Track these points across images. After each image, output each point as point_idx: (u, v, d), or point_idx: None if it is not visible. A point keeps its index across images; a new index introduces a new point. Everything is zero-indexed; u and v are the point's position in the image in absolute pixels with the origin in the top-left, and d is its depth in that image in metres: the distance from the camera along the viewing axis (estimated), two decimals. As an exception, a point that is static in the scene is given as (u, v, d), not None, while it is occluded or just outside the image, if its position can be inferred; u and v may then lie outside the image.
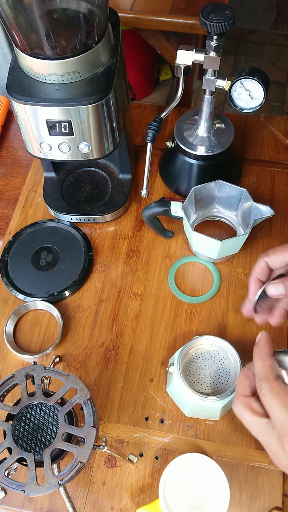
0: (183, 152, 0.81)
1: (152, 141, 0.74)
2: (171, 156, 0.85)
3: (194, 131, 0.81)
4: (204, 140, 0.80)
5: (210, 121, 0.79)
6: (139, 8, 1.38)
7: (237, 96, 0.70)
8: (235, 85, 0.69)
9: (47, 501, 0.63)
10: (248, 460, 0.64)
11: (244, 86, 0.68)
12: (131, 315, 0.76)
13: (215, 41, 0.66)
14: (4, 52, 1.06)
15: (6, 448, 0.50)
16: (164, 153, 0.90)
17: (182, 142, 0.80)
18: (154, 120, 0.74)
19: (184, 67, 0.71)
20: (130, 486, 0.63)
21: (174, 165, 0.85)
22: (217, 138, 0.80)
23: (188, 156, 0.81)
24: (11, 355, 0.73)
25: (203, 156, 0.79)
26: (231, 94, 0.70)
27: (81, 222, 0.84)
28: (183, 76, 0.72)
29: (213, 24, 0.63)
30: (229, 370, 0.66)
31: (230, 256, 0.78)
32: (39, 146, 0.68)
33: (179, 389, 0.64)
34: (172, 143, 0.83)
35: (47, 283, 0.77)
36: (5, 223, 0.86)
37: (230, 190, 0.75)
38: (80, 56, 0.59)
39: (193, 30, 1.37)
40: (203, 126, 0.79)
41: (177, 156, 0.83)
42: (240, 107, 0.71)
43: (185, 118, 0.83)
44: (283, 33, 2.50)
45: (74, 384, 0.52)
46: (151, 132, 0.74)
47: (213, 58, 0.68)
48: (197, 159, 0.81)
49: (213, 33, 0.65)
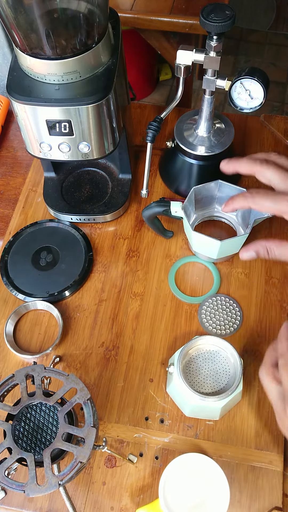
0: (183, 152, 0.81)
1: (152, 141, 0.74)
2: (171, 156, 0.85)
3: (194, 131, 0.81)
4: (204, 140, 0.80)
5: (210, 121, 0.79)
6: (139, 8, 1.38)
7: (237, 96, 0.70)
8: (235, 85, 0.69)
9: (47, 501, 0.63)
10: (248, 460, 0.64)
11: (244, 86, 0.68)
12: (131, 315, 0.76)
13: (215, 41, 0.66)
14: (4, 52, 1.06)
15: (6, 448, 0.50)
16: (164, 153, 0.90)
17: (182, 142, 0.80)
18: (154, 120, 0.74)
19: (184, 67, 0.71)
20: (130, 486, 0.63)
21: (174, 165, 0.85)
22: (217, 138, 0.80)
23: (188, 156, 0.81)
24: (11, 355, 0.73)
25: (203, 156, 0.79)
26: (231, 94, 0.70)
27: (81, 222, 0.84)
28: (183, 76, 0.72)
29: (213, 24, 0.63)
30: (229, 370, 0.66)
31: (230, 256, 0.78)
32: (39, 146, 0.68)
33: (179, 389, 0.64)
34: (172, 143, 0.83)
35: (47, 283, 0.77)
36: (5, 223, 0.86)
37: (230, 190, 0.75)
38: (80, 56, 0.59)
39: (193, 30, 1.37)
40: (203, 126, 0.79)
41: (177, 156, 0.83)
42: (240, 107, 0.71)
43: (185, 118, 0.83)
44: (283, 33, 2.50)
45: (74, 384, 0.52)
46: (151, 132, 0.74)
47: (213, 58, 0.68)
48: (197, 159, 0.80)
49: (213, 33, 0.65)
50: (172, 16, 1.35)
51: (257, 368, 0.70)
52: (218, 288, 0.77)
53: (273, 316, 0.74)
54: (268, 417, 0.67)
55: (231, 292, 0.77)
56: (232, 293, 0.77)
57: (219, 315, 0.74)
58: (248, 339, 0.73)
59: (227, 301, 0.76)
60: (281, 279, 0.77)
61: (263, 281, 0.78)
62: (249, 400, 0.68)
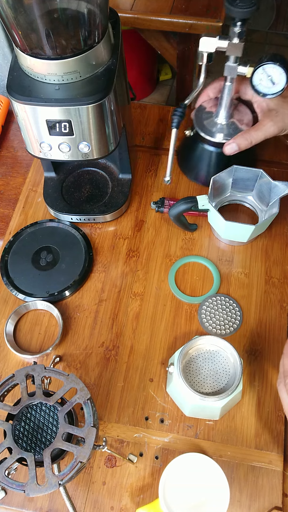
0: (203, 140, 0.82)
1: (177, 127, 0.76)
2: (190, 145, 0.86)
3: (214, 119, 0.82)
4: (223, 128, 0.81)
5: (230, 108, 0.80)
6: (139, 8, 1.37)
7: (259, 82, 0.71)
8: (256, 71, 0.69)
9: (47, 501, 0.63)
10: (248, 460, 0.64)
11: (266, 72, 0.69)
12: (131, 315, 0.76)
13: (238, 27, 0.67)
14: (4, 52, 1.06)
15: (6, 448, 0.50)
16: (182, 143, 0.91)
17: (202, 130, 0.81)
18: (179, 106, 0.75)
19: (207, 54, 0.71)
20: (130, 486, 0.63)
21: (193, 153, 0.86)
22: (237, 125, 0.81)
23: (208, 144, 0.82)
24: (11, 355, 0.73)
25: (223, 144, 0.80)
26: (253, 81, 0.71)
27: (81, 222, 0.84)
28: (205, 63, 0.73)
29: (239, 10, 0.64)
30: (229, 370, 0.66)
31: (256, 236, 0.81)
32: (39, 146, 0.68)
33: (179, 389, 0.64)
34: (191, 131, 0.84)
35: (47, 283, 0.77)
36: (5, 223, 0.86)
37: (245, 173, 0.78)
38: (80, 56, 0.59)
39: (193, 30, 1.36)
40: (223, 113, 0.80)
41: (197, 144, 0.84)
42: (262, 93, 0.72)
43: (203, 107, 0.84)
44: (283, 33, 2.50)
45: (74, 384, 0.52)
46: (176, 118, 0.75)
47: (237, 44, 0.68)
48: (218, 147, 0.82)
49: (237, 19, 0.65)
50: (172, 16, 1.35)
51: (257, 368, 0.70)
52: (218, 288, 0.77)
53: (273, 316, 0.74)
54: (268, 417, 0.67)
55: (231, 292, 0.77)
56: (232, 293, 0.77)
57: (219, 315, 0.74)
58: (248, 339, 0.73)
59: (227, 301, 0.76)
60: (281, 279, 0.77)
61: (263, 281, 0.78)
62: (249, 400, 0.68)
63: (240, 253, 0.80)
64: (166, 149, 0.93)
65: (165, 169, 0.90)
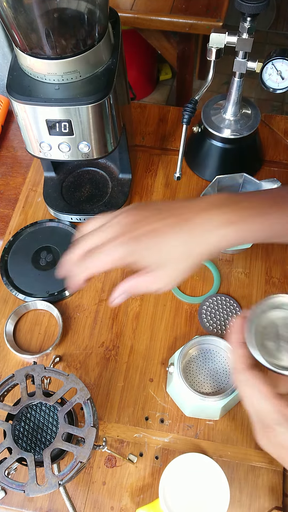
0: (211, 136, 0.82)
1: (188, 123, 0.76)
2: (198, 141, 0.86)
3: (222, 115, 0.82)
4: (231, 124, 0.82)
5: (238, 104, 0.80)
6: (139, 8, 1.37)
7: (268, 77, 0.71)
8: (266, 66, 0.70)
9: (47, 501, 0.63)
10: (248, 460, 0.64)
11: (276, 67, 0.70)
12: (131, 315, 0.75)
13: (248, 23, 0.67)
14: (4, 52, 1.06)
15: (6, 448, 0.50)
16: (190, 139, 0.91)
17: (210, 126, 0.82)
18: (190, 102, 0.75)
19: (216, 49, 0.72)
20: (130, 486, 0.63)
21: (201, 149, 0.86)
22: (245, 121, 0.82)
23: (216, 140, 0.82)
24: (11, 355, 0.73)
25: (231, 139, 0.81)
26: (262, 76, 0.71)
27: (81, 222, 0.84)
28: (214, 58, 0.73)
29: (249, 5, 0.64)
30: (229, 370, 0.66)
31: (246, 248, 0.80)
32: (39, 146, 0.68)
33: (179, 389, 0.64)
34: (199, 127, 0.84)
35: (47, 283, 0.77)
36: (5, 223, 0.86)
37: (229, 181, 0.78)
38: (80, 55, 0.59)
39: (193, 30, 1.37)
40: (231, 109, 0.81)
41: (205, 140, 0.84)
42: (272, 88, 0.72)
43: (212, 103, 0.85)
44: (283, 33, 2.50)
45: (74, 384, 0.52)
46: (187, 114, 0.75)
47: (246, 40, 0.69)
48: (226, 142, 0.82)
49: (247, 14, 0.66)
50: (172, 16, 1.35)
51: (257, 368, 0.70)
52: (218, 288, 0.77)
53: (273, 316, 0.74)
54: (268, 417, 0.67)
55: (231, 292, 0.77)
56: (232, 293, 0.77)
57: (219, 315, 0.74)
58: (248, 339, 0.73)
59: (227, 301, 0.76)
60: (281, 279, 0.77)
61: (263, 281, 0.77)
62: (249, 400, 0.68)
63: (240, 254, 0.80)
64: (166, 149, 0.93)
65: (165, 168, 0.90)
